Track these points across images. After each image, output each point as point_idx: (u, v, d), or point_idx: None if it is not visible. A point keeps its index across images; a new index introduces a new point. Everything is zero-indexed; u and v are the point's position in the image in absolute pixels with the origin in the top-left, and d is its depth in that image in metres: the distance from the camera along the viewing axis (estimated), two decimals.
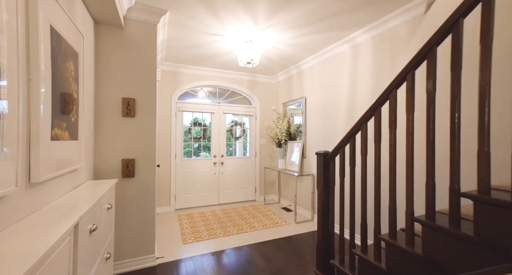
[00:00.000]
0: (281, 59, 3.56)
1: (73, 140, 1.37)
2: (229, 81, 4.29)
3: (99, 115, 2.00)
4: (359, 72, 2.68)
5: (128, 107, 2.07)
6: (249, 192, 4.49)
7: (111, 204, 1.61)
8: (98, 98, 1.99)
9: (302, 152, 3.72)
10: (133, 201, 2.11)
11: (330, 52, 3.08)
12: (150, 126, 2.19)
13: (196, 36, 2.73)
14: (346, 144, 1.62)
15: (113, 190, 1.76)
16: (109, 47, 2.03)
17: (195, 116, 4.22)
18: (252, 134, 4.54)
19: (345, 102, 2.89)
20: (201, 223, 3.29)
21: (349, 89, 2.83)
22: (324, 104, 3.27)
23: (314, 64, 3.45)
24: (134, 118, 2.12)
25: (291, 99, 4.08)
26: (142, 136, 2.15)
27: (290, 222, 3.35)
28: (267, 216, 3.61)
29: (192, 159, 4.08)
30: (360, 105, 2.67)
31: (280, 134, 3.96)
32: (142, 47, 2.14)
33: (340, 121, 2.97)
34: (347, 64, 2.87)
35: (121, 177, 2.06)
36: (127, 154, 2.09)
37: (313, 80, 3.52)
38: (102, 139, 2.00)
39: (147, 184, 2.17)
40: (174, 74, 3.88)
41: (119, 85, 2.06)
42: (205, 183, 4.14)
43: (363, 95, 2.63)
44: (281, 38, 2.79)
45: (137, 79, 2.12)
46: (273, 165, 4.63)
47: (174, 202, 3.88)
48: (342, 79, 2.94)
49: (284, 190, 4.31)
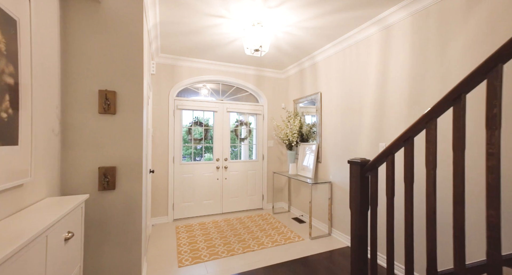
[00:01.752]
0: (293, 49, 3.10)
1: (7, 145, 0.94)
2: (234, 76, 3.85)
3: (68, 112, 1.57)
4: (391, 61, 2.21)
5: (106, 102, 1.64)
6: (255, 199, 4.03)
7: (72, 231, 1.18)
8: (67, 90, 1.57)
9: (317, 155, 3.25)
10: (113, 220, 1.68)
11: (353, 38, 2.61)
12: (136, 125, 1.76)
13: (193, 18, 2.30)
14: (397, 149, 1.15)
15: (80, 210, 1.34)
16: (82, 26, 1.61)
17: (196, 115, 3.79)
18: (259, 135, 4.09)
19: (372, 97, 2.42)
20: (202, 238, 2.85)
21: (377, 83, 2.35)
22: (344, 101, 2.80)
23: (331, 54, 2.98)
24: (115, 116, 1.69)
25: (304, 95, 3.62)
26: (125, 138, 1.72)
27: (304, 237, 2.89)
28: (276, 228, 3.15)
29: (193, 163, 3.65)
30: (392, 101, 2.19)
31: (291, 136, 3.50)
32: (126, 27, 1.71)
33: (366, 120, 2.49)
34: (374, 52, 2.39)
35: (98, 189, 1.64)
36: (106, 160, 1.66)
37: (330, 73, 3.05)
38: (72, 142, 1.58)
39: (131, 197, 1.74)
40: (171, 68, 3.46)
41: (95, 74, 1.64)
42: (206, 189, 3.70)
43: (397, 89, 2.15)
44: (294, 20, 2.33)
45: (118, 67, 1.70)
46: (283, 170, 4.17)
47: (172, 212, 3.45)
48: (368, 71, 2.47)
49: (295, 198, 3.84)
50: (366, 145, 2.48)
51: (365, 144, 2.50)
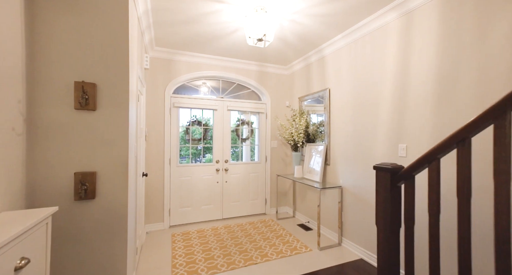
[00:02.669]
0: (299, 41, 2.84)
1: None
2: (234, 72, 3.59)
3: (36, 108, 1.32)
4: (414, 52, 1.94)
5: (84, 96, 1.39)
6: (258, 204, 3.77)
7: (28, 257, 0.93)
8: (34, 81, 1.32)
9: (325, 157, 2.98)
10: (93, 235, 1.43)
11: (367, 27, 2.35)
12: (121, 124, 1.51)
13: (190, 3, 2.04)
14: (445, 153, 0.89)
15: (44, 227, 1.08)
16: (52, 5, 1.36)
17: (194, 113, 3.53)
18: (262, 135, 3.83)
19: (390, 93, 2.15)
20: (199, 248, 2.60)
21: (397, 76, 2.09)
22: (356, 97, 2.54)
23: (342, 45, 2.72)
24: (95, 112, 1.45)
25: (310, 92, 3.35)
26: (108, 139, 1.47)
27: (312, 247, 2.62)
28: (281, 237, 2.89)
29: (190, 165, 3.39)
30: (415, 96, 1.93)
31: (296, 135, 3.24)
32: (108, 8, 1.46)
33: (382, 118, 2.23)
34: (392, 42, 2.13)
35: (74, 199, 1.39)
36: (83, 165, 1.41)
37: (339, 67, 2.78)
38: (41, 144, 1.33)
39: (115, 207, 1.48)
40: (167, 62, 3.20)
41: (70, 63, 1.39)
42: (206, 193, 3.45)
43: (421, 83, 1.88)
44: (302, 6, 2.07)
45: (99, 55, 1.45)
46: (287, 172, 3.91)
47: (168, 218, 3.20)
48: (385, 64, 2.20)
49: (301, 203, 3.58)
50: (383, 146, 2.21)
51: (381, 145, 2.24)
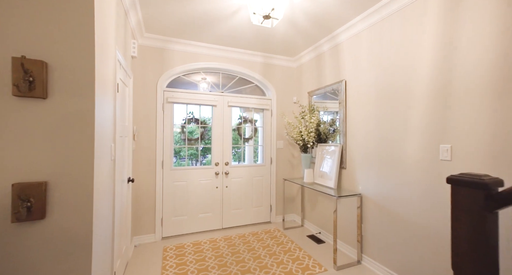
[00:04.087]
0: (311, 25, 2.44)
1: None
2: (236, 63, 3.20)
3: None
4: (462, 30, 1.54)
5: (26, 77, 1.01)
6: (262, 211, 3.37)
7: None
8: None
9: (340, 160, 2.58)
10: (39, 268, 1.04)
11: (395, 3, 1.95)
12: (84, 117, 1.12)
13: None
14: None
15: None
16: None
17: (191, 110, 3.15)
18: (267, 135, 3.43)
19: (427, 83, 1.74)
20: (194, 266, 2.21)
21: (437, 62, 1.68)
22: (380, 88, 2.13)
23: (362, 29, 2.31)
24: (45, 101, 1.06)
25: (322, 86, 2.95)
26: (65, 138, 1.09)
27: (327, 266, 2.22)
28: (290, 252, 2.49)
29: (186, 168, 3.00)
30: (464, 85, 1.52)
31: (306, 135, 2.84)
32: None
33: (416, 113, 1.82)
34: (431, 19, 1.72)
35: (10, 221, 1.00)
36: (26, 172, 1.03)
37: (358, 54, 2.38)
38: None
39: (75, 227, 1.10)
40: (160, 51, 2.82)
41: (7, 32, 1.01)
42: (203, 200, 3.06)
43: (473, 69, 1.48)
44: None
45: (51, 23, 1.06)
46: (294, 175, 3.51)
47: (160, 228, 2.82)
48: (420, 47, 1.80)
49: (310, 210, 3.17)
50: (417, 146, 1.81)
51: (414, 145, 1.83)
